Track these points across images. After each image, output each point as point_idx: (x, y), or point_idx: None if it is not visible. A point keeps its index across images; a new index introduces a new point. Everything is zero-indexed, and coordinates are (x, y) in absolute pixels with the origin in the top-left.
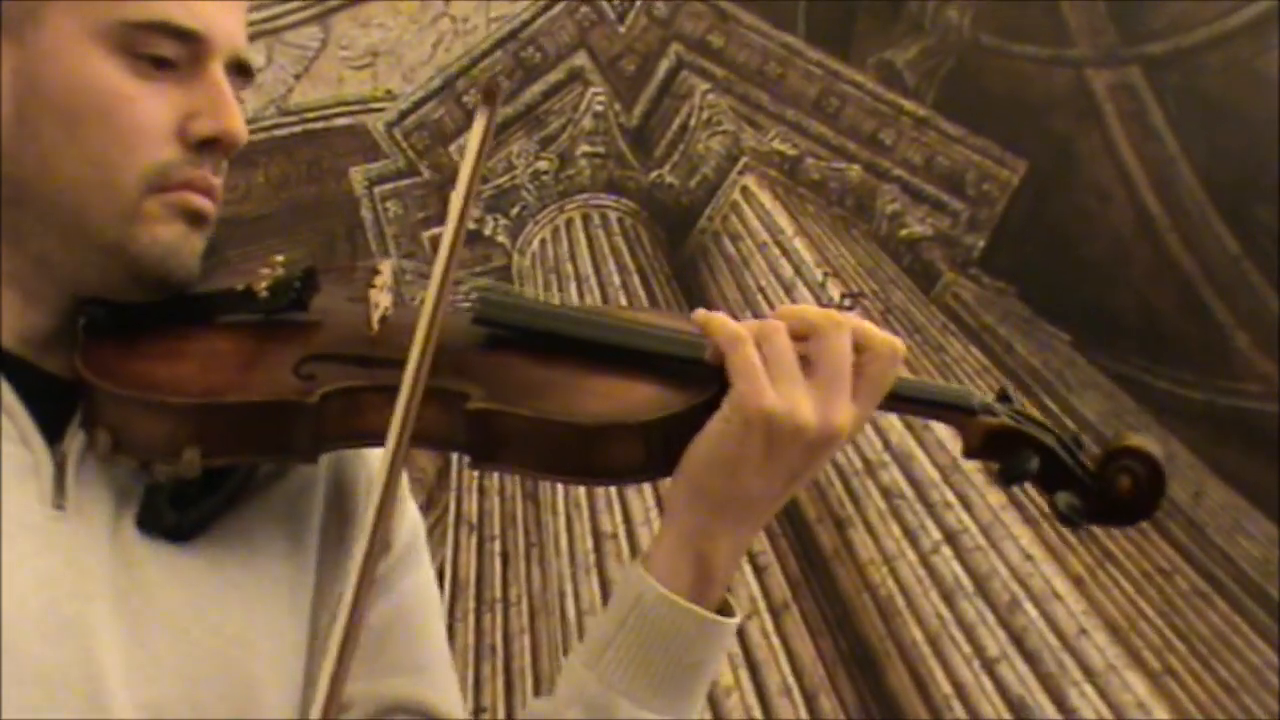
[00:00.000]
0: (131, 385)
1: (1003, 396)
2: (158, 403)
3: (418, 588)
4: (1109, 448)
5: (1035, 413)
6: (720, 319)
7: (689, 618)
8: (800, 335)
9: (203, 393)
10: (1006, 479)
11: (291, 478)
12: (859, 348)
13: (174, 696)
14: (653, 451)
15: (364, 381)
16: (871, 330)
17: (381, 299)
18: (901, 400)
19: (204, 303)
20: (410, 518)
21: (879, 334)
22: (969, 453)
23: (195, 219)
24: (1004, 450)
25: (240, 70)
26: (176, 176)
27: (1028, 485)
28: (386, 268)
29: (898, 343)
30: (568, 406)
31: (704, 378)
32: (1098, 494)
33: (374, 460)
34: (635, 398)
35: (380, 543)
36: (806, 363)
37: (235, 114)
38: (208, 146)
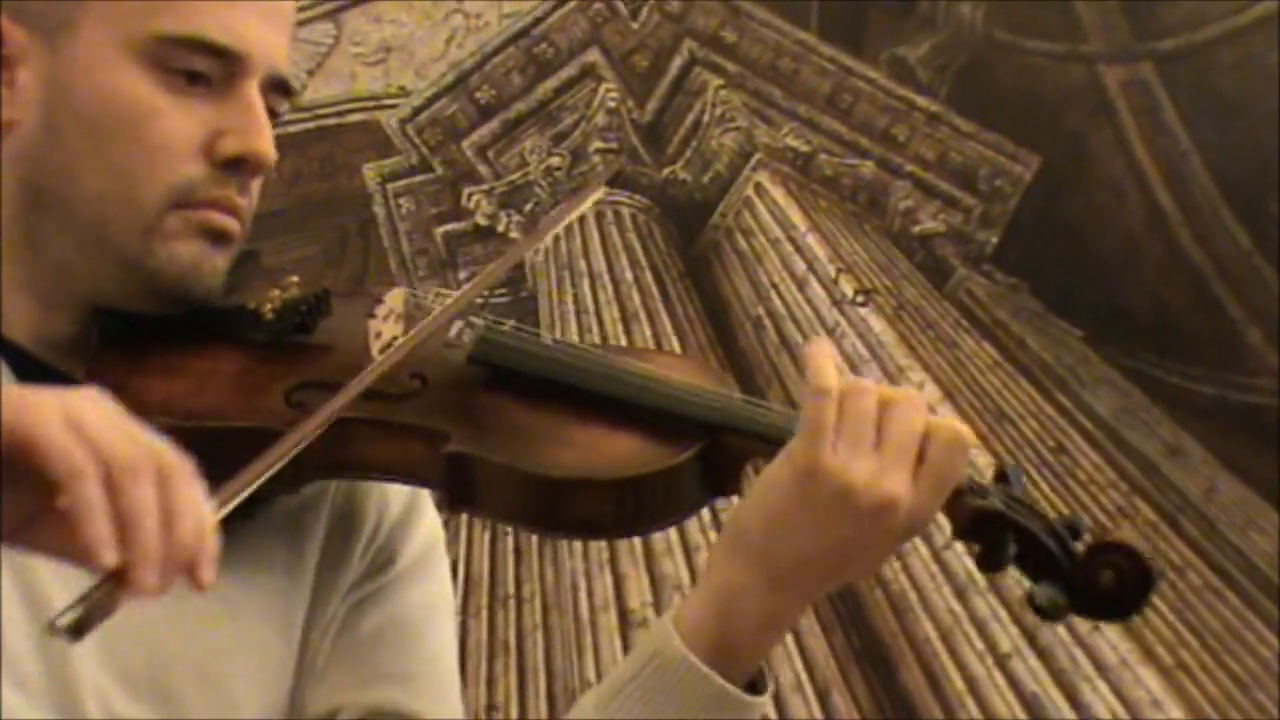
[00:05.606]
0: (125, 403)
1: (1000, 476)
2: (145, 423)
3: (423, 599)
4: (1094, 542)
5: (1029, 497)
6: (823, 365)
7: (704, 683)
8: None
9: (187, 415)
10: (984, 564)
11: (299, 492)
12: (926, 431)
13: (147, 708)
14: (623, 509)
15: (354, 413)
16: (939, 418)
17: (385, 328)
18: None
19: (216, 318)
20: (426, 529)
21: (946, 420)
22: (956, 533)
23: (217, 238)
24: (989, 533)
25: (278, 87)
26: (201, 194)
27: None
28: (395, 297)
29: (966, 431)
30: (541, 457)
31: (687, 434)
32: (1079, 587)
33: (390, 486)
34: (612, 451)
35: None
36: (877, 434)
37: (265, 135)
38: (234, 166)
